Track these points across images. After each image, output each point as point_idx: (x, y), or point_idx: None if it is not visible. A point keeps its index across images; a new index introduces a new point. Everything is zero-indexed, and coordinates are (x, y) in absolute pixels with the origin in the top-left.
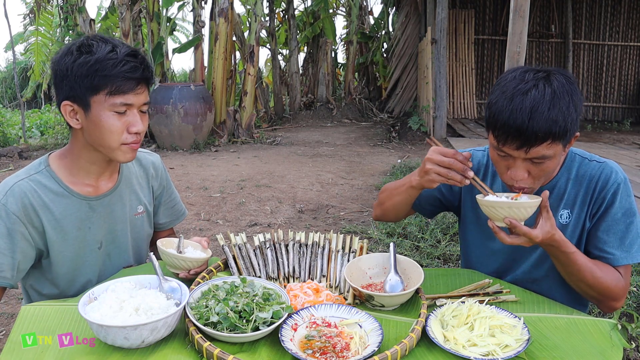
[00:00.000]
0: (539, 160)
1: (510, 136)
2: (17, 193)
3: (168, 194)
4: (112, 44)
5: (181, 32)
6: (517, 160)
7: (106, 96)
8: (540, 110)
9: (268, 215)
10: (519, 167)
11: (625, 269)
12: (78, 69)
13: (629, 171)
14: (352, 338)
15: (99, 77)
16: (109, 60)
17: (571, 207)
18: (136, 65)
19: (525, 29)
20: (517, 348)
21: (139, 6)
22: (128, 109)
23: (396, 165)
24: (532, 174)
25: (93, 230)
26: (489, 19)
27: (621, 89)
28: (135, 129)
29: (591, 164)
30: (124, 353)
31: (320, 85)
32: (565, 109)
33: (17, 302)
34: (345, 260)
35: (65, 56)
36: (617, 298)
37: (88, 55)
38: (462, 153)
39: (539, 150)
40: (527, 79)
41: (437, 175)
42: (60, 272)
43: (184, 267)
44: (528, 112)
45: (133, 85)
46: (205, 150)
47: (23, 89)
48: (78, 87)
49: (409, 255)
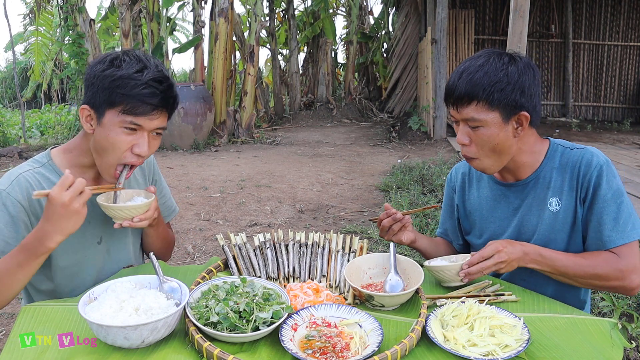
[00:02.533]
0: (473, 125)
1: (446, 96)
2: (22, 183)
3: (159, 188)
4: (143, 64)
5: (181, 32)
6: (459, 124)
7: (119, 113)
8: (467, 72)
9: (268, 215)
10: (460, 131)
11: (626, 248)
12: (102, 80)
13: (629, 171)
14: (352, 338)
15: (117, 93)
16: (131, 79)
17: (559, 195)
18: (156, 91)
19: (525, 29)
20: (517, 348)
21: (139, 6)
22: (138, 129)
23: (396, 165)
24: (473, 140)
25: (93, 224)
26: (489, 19)
27: (621, 89)
28: (139, 151)
29: (572, 151)
30: (124, 353)
31: (320, 85)
32: (499, 78)
33: (17, 302)
34: (345, 260)
35: (98, 64)
36: (622, 277)
37: (116, 69)
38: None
39: (469, 111)
40: (483, 54)
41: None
42: (60, 266)
43: (125, 216)
44: (459, 73)
45: (148, 109)
46: (205, 150)
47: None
48: (98, 96)
49: (409, 255)
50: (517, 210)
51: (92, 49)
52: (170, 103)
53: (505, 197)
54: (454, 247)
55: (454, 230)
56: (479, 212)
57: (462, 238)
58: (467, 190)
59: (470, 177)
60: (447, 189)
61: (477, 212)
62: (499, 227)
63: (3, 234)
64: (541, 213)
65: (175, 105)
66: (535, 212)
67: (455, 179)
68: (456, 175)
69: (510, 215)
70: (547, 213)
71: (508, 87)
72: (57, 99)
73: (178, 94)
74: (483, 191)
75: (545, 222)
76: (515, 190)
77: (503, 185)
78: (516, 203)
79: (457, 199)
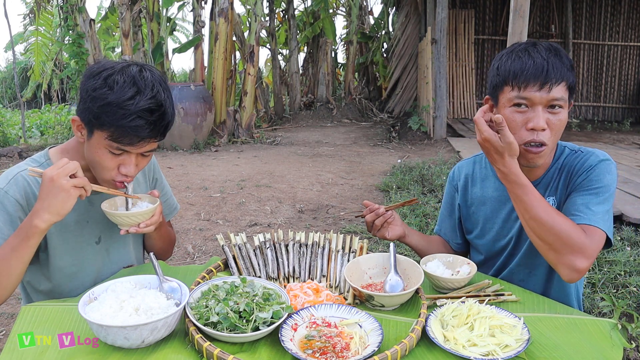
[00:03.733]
0: (557, 104)
1: (532, 77)
2: (20, 182)
3: (160, 187)
4: (137, 88)
5: (181, 32)
6: (537, 108)
7: (105, 138)
8: (549, 53)
9: (268, 215)
10: (539, 115)
11: (593, 230)
12: (93, 101)
13: (629, 171)
14: (352, 338)
15: (104, 120)
16: (120, 108)
17: (555, 193)
18: (144, 125)
19: (525, 29)
20: (517, 348)
21: (139, 6)
22: (124, 152)
23: (396, 165)
24: (550, 125)
25: (91, 224)
26: (489, 19)
27: (621, 89)
28: (125, 171)
29: (576, 154)
30: (124, 353)
31: (320, 85)
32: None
33: (17, 302)
34: (345, 260)
35: (91, 78)
36: (577, 251)
37: (108, 90)
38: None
39: (559, 90)
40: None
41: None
42: (58, 266)
43: (132, 222)
44: (545, 53)
45: (135, 140)
46: (205, 150)
47: (23, 89)
48: (88, 113)
49: (409, 255)
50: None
51: (92, 49)
52: (161, 132)
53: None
54: (450, 246)
55: (452, 229)
56: (483, 212)
57: (461, 237)
58: (471, 189)
59: (474, 177)
60: (448, 187)
61: (480, 212)
62: (503, 229)
63: (1, 232)
64: None
65: (167, 130)
66: None
67: (458, 178)
68: (459, 174)
69: (515, 217)
70: None
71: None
72: (57, 99)
73: (172, 117)
74: (488, 191)
75: None
76: None
77: None
78: None
79: (459, 198)
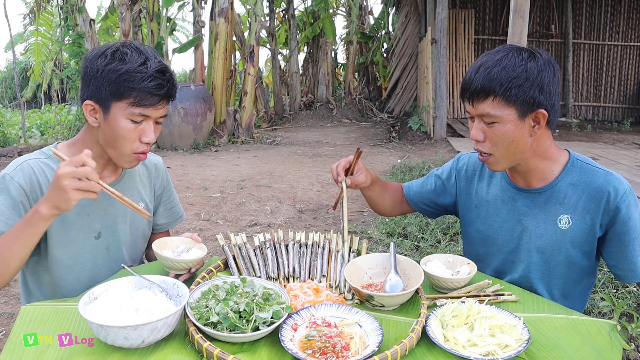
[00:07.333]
0: (489, 120)
1: (463, 91)
2: (26, 169)
3: (167, 195)
4: (145, 57)
5: (181, 32)
6: (475, 119)
7: (128, 105)
8: (485, 66)
9: (268, 215)
10: (475, 127)
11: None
12: (108, 73)
13: (629, 171)
14: (352, 338)
15: (125, 86)
16: (138, 73)
17: (571, 213)
18: (162, 83)
19: (525, 29)
20: (517, 348)
21: (139, 6)
22: (145, 119)
23: (396, 165)
24: (487, 136)
25: (91, 218)
26: (489, 19)
27: (621, 89)
28: (147, 139)
29: (596, 171)
30: (124, 353)
31: (320, 85)
32: (517, 74)
33: (17, 302)
34: (345, 260)
35: (98, 58)
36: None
37: (120, 62)
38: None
39: (485, 107)
40: (502, 49)
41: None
42: (55, 256)
43: (184, 268)
44: (477, 67)
45: (156, 100)
46: (205, 150)
47: (23, 89)
48: (104, 90)
49: (409, 255)
50: (523, 217)
51: (92, 49)
52: (173, 93)
53: (514, 200)
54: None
55: (419, 194)
56: (485, 208)
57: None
58: (477, 183)
59: (482, 172)
60: (449, 166)
61: (482, 208)
62: (500, 228)
63: (4, 215)
64: (548, 227)
65: (175, 94)
66: (541, 224)
67: (466, 167)
68: (467, 163)
69: (514, 220)
70: (554, 229)
71: (526, 83)
72: (57, 99)
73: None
74: (493, 189)
75: (550, 237)
76: (525, 197)
77: (514, 188)
78: (523, 210)
79: (458, 187)
